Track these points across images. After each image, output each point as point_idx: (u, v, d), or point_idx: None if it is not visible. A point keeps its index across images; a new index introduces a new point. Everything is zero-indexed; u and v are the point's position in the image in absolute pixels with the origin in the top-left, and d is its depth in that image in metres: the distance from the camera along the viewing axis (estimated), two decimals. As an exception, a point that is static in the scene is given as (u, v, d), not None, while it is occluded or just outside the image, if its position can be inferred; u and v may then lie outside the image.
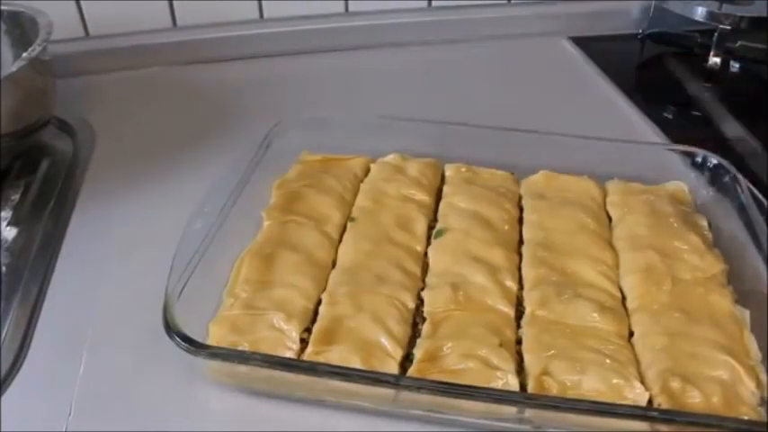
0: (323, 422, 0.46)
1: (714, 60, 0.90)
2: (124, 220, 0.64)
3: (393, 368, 0.47)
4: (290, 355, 0.48)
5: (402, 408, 0.46)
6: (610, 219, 0.61)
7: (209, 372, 0.48)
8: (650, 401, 0.44)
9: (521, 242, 0.59)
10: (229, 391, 0.48)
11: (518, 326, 0.51)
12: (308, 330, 0.50)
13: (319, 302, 0.52)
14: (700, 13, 0.90)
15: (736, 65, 0.93)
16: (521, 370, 0.47)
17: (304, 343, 0.49)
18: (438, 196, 0.64)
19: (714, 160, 0.64)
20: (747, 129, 0.80)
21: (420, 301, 0.53)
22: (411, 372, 0.46)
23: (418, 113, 0.70)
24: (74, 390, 0.48)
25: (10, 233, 0.63)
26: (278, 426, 0.46)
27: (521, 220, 0.61)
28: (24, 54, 0.64)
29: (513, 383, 0.45)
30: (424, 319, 0.51)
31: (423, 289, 0.54)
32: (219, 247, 0.55)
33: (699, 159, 0.65)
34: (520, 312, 0.52)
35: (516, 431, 0.45)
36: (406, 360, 0.48)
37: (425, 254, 0.57)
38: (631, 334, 0.50)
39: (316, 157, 0.68)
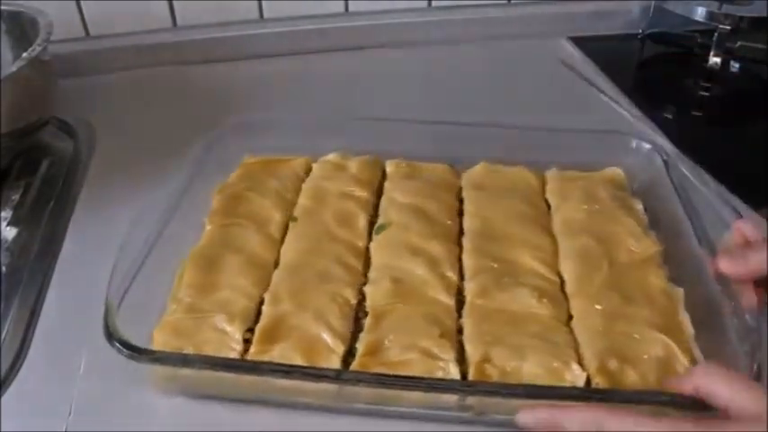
0: (272, 421, 0.47)
1: (714, 60, 0.90)
2: (124, 220, 0.64)
3: (335, 363, 0.47)
4: (233, 355, 0.48)
5: (346, 403, 0.47)
6: (549, 207, 0.62)
7: (154, 378, 0.48)
8: (589, 382, 0.45)
9: (462, 233, 0.59)
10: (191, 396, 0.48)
11: (460, 316, 0.51)
12: (252, 331, 0.50)
13: (262, 302, 0.52)
14: (700, 13, 0.90)
15: (736, 65, 0.93)
16: (463, 359, 0.48)
17: (248, 343, 0.49)
18: (380, 192, 0.64)
19: (647, 145, 0.65)
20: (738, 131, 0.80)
21: (363, 296, 0.53)
22: (353, 366, 0.47)
23: (418, 114, 0.71)
24: (74, 390, 0.48)
25: (10, 233, 0.63)
26: (229, 428, 0.47)
27: (462, 212, 0.61)
28: (24, 54, 0.64)
29: (453, 372, 0.46)
30: (366, 314, 0.52)
31: (365, 284, 0.54)
32: (164, 253, 0.54)
33: (634, 144, 0.66)
34: (462, 302, 0.53)
35: (459, 419, 0.46)
36: (350, 355, 0.48)
37: (368, 249, 0.58)
38: (571, 317, 0.51)
39: (257, 160, 0.67)
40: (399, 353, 0.47)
